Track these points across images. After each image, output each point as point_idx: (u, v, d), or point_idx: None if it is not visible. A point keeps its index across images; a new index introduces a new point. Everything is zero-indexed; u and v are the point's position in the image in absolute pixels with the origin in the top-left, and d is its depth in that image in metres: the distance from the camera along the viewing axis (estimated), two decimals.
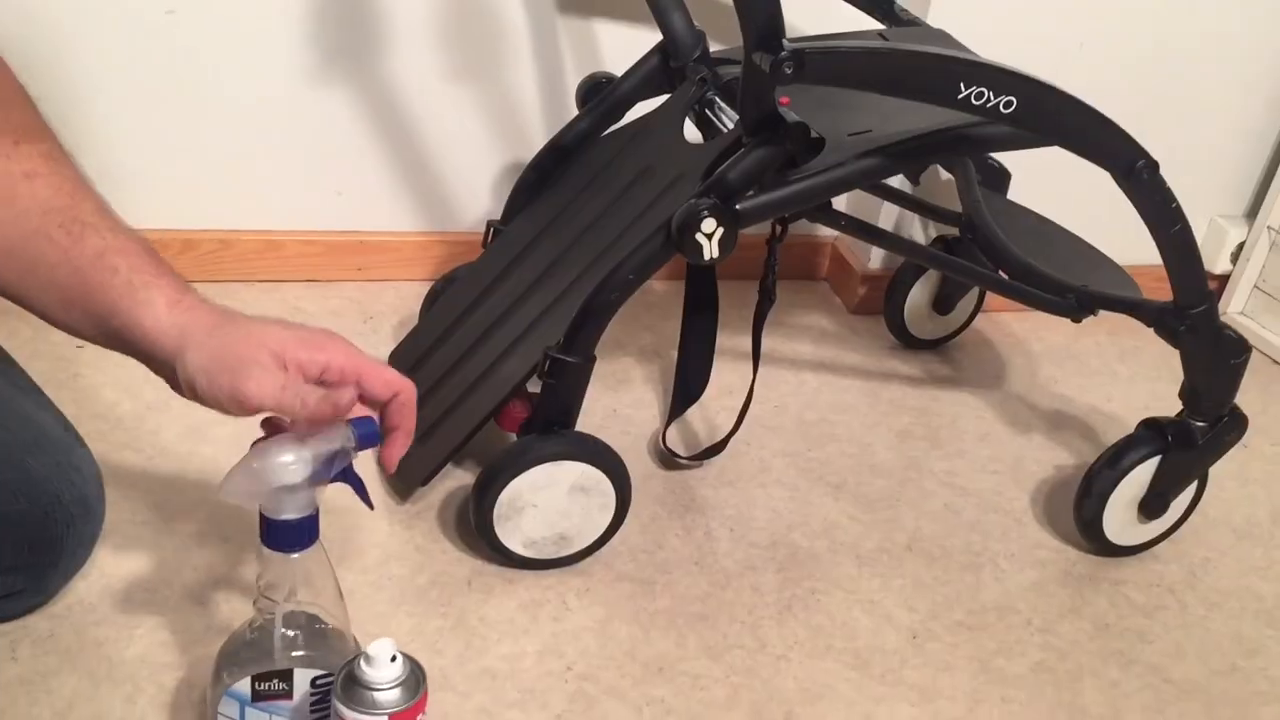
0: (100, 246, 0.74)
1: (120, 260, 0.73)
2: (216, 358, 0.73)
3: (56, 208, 0.74)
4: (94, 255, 0.73)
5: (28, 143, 0.75)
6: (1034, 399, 1.44)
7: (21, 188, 0.74)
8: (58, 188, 0.75)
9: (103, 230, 0.74)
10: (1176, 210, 0.99)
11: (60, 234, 0.73)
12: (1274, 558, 1.21)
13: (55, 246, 0.73)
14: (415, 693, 0.71)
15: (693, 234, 0.94)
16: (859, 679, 0.99)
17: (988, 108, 0.88)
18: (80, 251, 0.73)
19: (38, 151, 0.76)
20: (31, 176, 0.74)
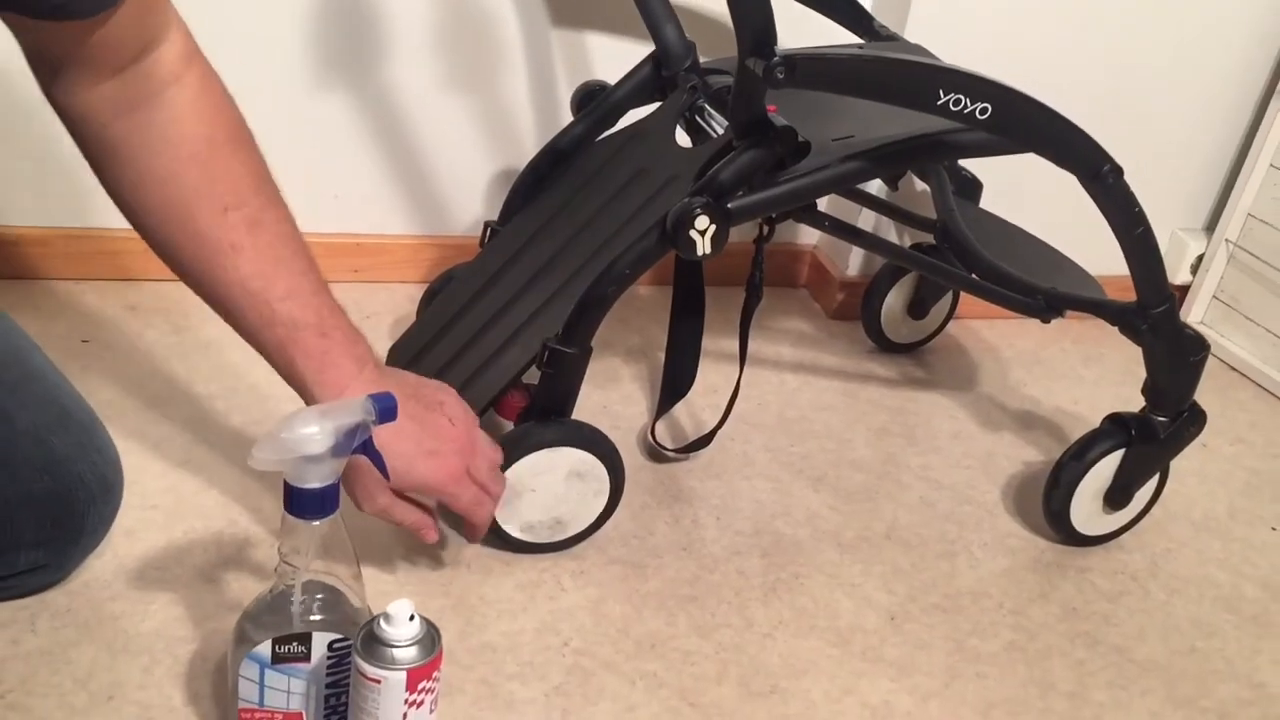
0: (281, 339, 0.87)
1: (296, 354, 0.87)
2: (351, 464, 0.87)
3: (253, 291, 0.85)
4: (277, 344, 0.87)
5: (235, 209, 0.84)
6: (1004, 400, 1.50)
7: (226, 261, 0.85)
8: (256, 265, 0.85)
9: (284, 322, 0.86)
10: (1139, 214, 1.05)
11: (253, 316, 0.86)
12: (1231, 549, 1.28)
13: (248, 323, 0.87)
14: (431, 651, 0.76)
15: (687, 230, 0.99)
16: (841, 655, 1.04)
17: (964, 113, 0.94)
18: (268, 337, 0.87)
19: (243, 219, 0.84)
20: (236, 250, 0.84)
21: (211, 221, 0.84)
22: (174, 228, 0.85)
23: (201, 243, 0.84)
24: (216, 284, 0.86)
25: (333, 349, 0.88)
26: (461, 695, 0.93)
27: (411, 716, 0.76)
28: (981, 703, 1.01)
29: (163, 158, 0.82)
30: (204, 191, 0.83)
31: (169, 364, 1.29)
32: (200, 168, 0.83)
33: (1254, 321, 1.67)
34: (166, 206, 0.84)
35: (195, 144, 0.83)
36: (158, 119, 0.82)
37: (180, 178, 0.83)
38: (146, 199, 0.84)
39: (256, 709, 0.81)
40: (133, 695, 0.89)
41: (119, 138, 0.82)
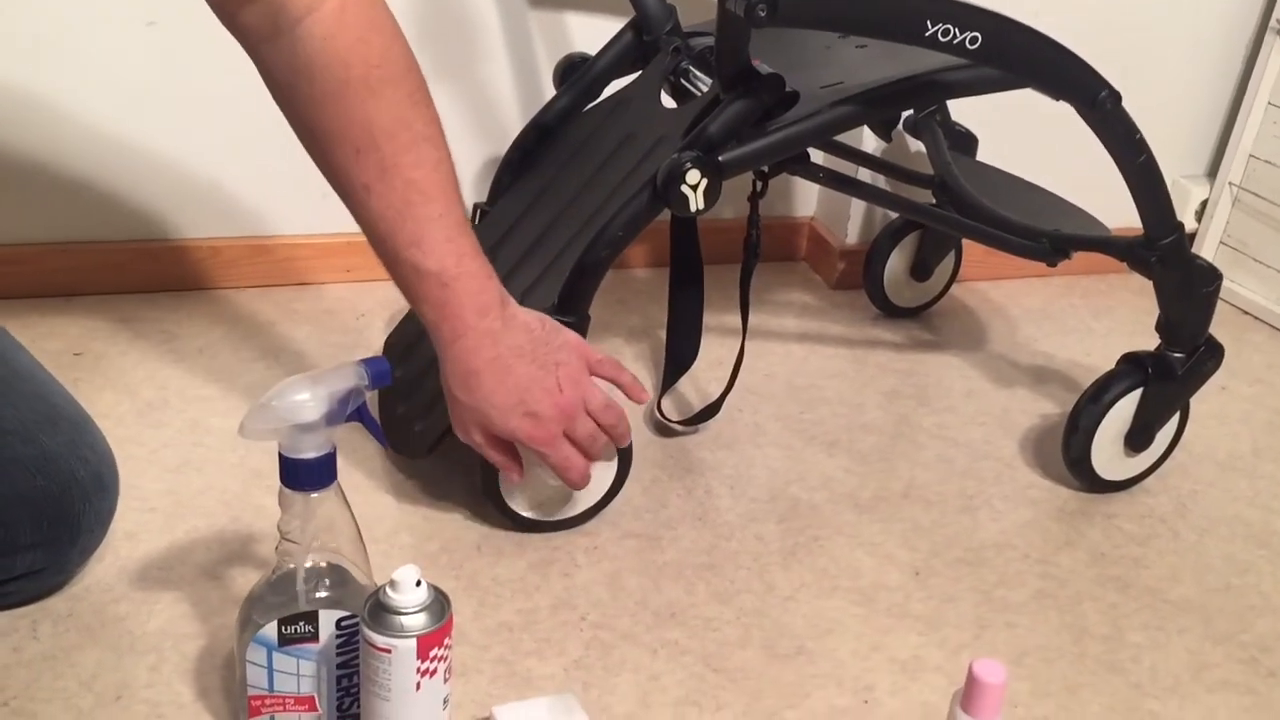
0: (408, 280, 0.90)
1: (419, 300, 0.91)
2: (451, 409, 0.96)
3: (381, 234, 0.88)
4: (403, 286, 0.91)
5: (365, 152, 0.85)
6: (1015, 357, 1.48)
7: (359, 200, 0.88)
8: (383, 210, 0.87)
9: (409, 269, 0.89)
10: (1140, 141, 1.03)
11: (383, 255, 0.90)
12: (1259, 487, 1.25)
13: (382, 259, 0.90)
14: (441, 617, 0.73)
15: (678, 186, 0.97)
16: (866, 613, 1.01)
17: (954, 44, 0.91)
18: (395, 277, 0.91)
19: (373, 163, 0.86)
20: (367, 191, 0.87)
21: (345, 160, 0.85)
22: (318, 157, 0.88)
23: (339, 178, 0.87)
24: (354, 216, 0.89)
25: (451, 299, 0.89)
26: (479, 675, 0.91)
27: (425, 686, 0.73)
28: (1014, 651, 0.98)
29: (299, 90, 0.84)
30: (336, 131, 0.85)
31: (162, 371, 1.27)
32: (333, 106, 0.84)
33: (1263, 263, 1.64)
34: (309, 137, 0.87)
35: (327, 83, 0.83)
36: (298, 50, 0.83)
37: (316, 112, 0.85)
38: (294, 120, 0.87)
39: (266, 695, 0.79)
40: (140, 694, 0.86)
41: (269, 61, 0.85)
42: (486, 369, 0.91)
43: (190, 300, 1.42)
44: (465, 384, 0.92)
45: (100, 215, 1.39)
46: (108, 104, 1.35)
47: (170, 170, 1.40)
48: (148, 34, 1.32)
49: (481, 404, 0.92)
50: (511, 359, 0.92)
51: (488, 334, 0.91)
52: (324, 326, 1.40)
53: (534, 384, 0.93)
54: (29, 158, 1.35)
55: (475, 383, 0.92)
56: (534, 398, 0.93)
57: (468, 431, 0.96)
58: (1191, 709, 0.94)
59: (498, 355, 0.92)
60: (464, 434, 0.96)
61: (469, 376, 0.92)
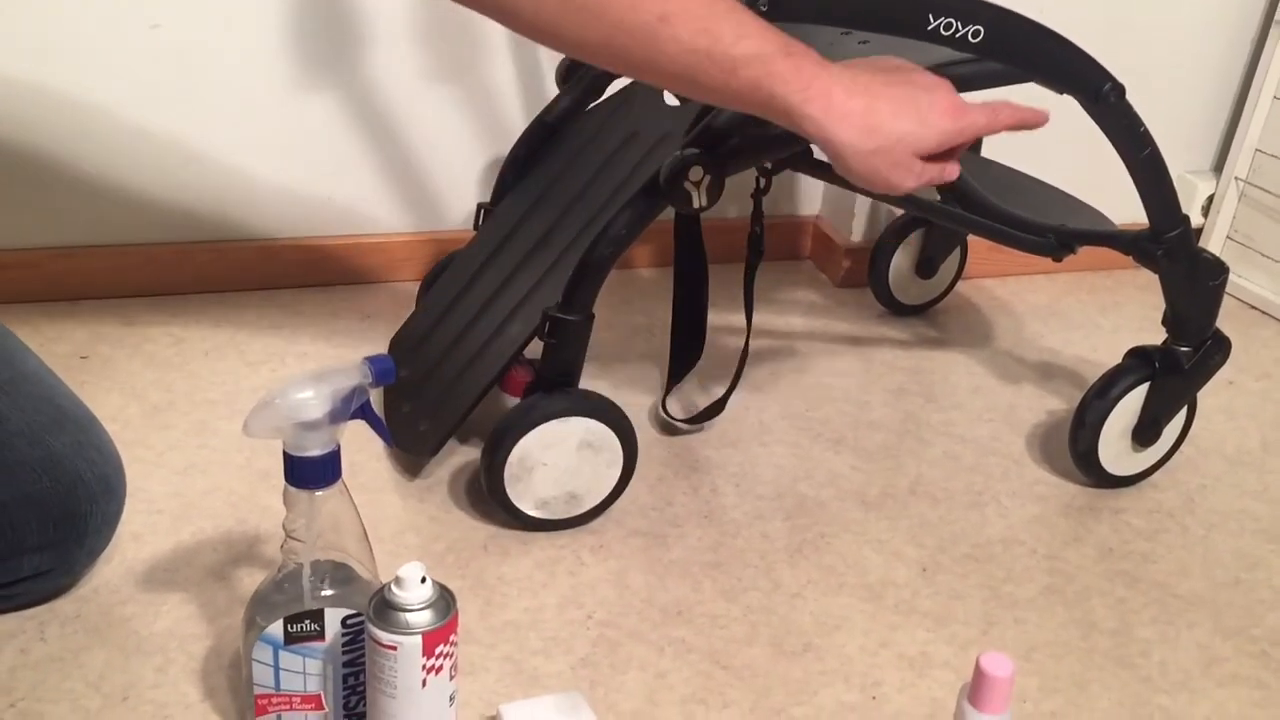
0: (753, 77, 0.81)
1: (776, 85, 0.81)
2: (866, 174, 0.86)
3: (702, 49, 0.80)
4: (750, 86, 0.81)
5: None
6: (1021, 353, 1.47)
7: (662, 35, 0.79)
8: (691, 24, 0.79)
9: (750, 60, 0.81)
10: (1145, 135, 1.03)
11: (715, 71, 0.81)
12: (1268, 481, 1.24)
13: (711, 81, 0.81)
14: (446, 614, 0.73)
15: (681, 183, 0.97)
16: (874, 610, 1.01)
17: (956, 38, 0.91)
18: (738, 84, 0.81)
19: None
20: (665, 20, 0.79)
21: (627, 7, 0.79)
22: (597, 28, 0.80)
23: (629, 30, 0.79)
24: (663, 61, 0.81)
25: (804, 64, 0.83)
26: (486, 674, 0.91)
27: (431, 683, 0.73)
28: (1022, 646, 0.98)
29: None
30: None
31: (168, 374, 1.27)
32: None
33: (1270, 258, 1.63)
34: (573, 13, 0.79)
35: None
36: None
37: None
38: (552, 12, 0.80)
39: (273, 694, 0.79)
40: (147, 695, 0.86)
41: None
42: (875, 99, 0.85)
43: (196, 303, 1.42)
44: (869, 127, 0.84)
45: (106, 220, 1.40)
46: (112, 108, 1.35)
47: (176, 174, 1.40)
48: (152, 37, 1.33)
49: (900, 127, 0.85)
50: (882, 81, 0.86)
51: (846, 74, 0.85)
52: (330, 328, 1.40)
53: (913, 85, 0.88)
54: (34, 162, 1.35)
55: (876, 119, 0.84)
56: (928, 92, 0.88)
57: (909, 168, 0.87)
58: (1201, 703, 0.93)
59: (868, 86, 0.85)
60: (909, 176, 0.87)
61: (867, 117, 0.84)
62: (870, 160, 0.85)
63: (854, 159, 0.85)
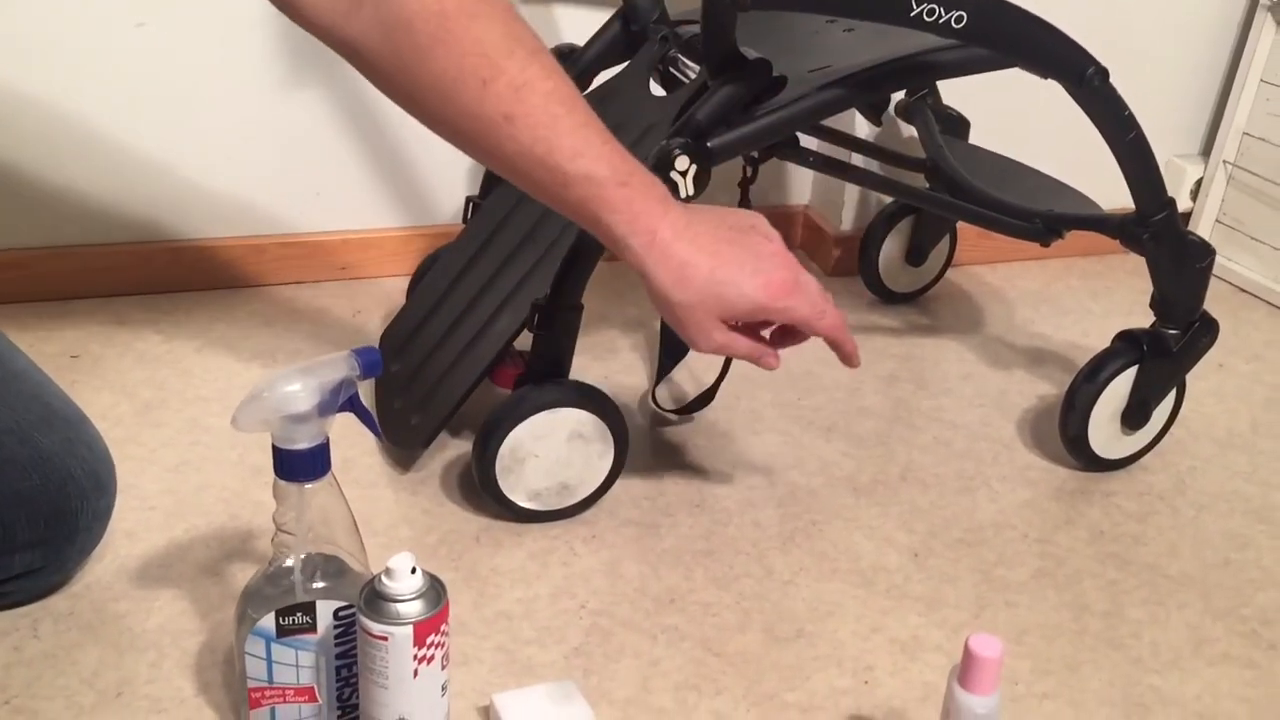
0: (582, 197, 0.82)
1: (603, 211, 0.83)
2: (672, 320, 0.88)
3: (539, 157, 0.81)
4: (578, 204, 0.83)
5: (492, 80, 0.80)
6: (1012, 339, 1.48)
7: (503, 133, 0.81)
8: (533, 131, 0.81)
9: (580, 180, 0.82)
10: (1129, 118, 1.03)
11: (547, 181, 0.82)
12: (1258, 462, 1.25)
13: (544, 190, 0.84)
14: (437, 604, 0.73)
15: (667, 173, 0.97)
16: (866, 595, 1.01)
17: (939, 23, 0.91)
18: (567, 198, 0.83)
19: (506, 86, 0.80)
20: (510, 120, 0.80)
21: (474, 98, 0.80)
22: (440, 112, 0.82)
23: (473, 121, 0.81)
24: (501, 157, 0.82)
25: (636, 196, 0.83)
26: (479, 664, 0.91)
27: (423, 673, 0.73)
28: (1014, 629, 0.98)
29: (400, 48, 0.79)
30: (454, 71, 0.80)
31: (159, 372, 1.28)
32: (442, 48, 0.79)
33: (1260, 241, 1.64)
34: (424, 94, 0.81)
35: (427, 24, 0.79)
36: (381, 11, 0.79)
37: (425, 63, 0.80)
38: (404, 90, 0.82)
39: (266, 687, 0.79)
40: (142, 690, 0.86)
41: (357, 39, 0.80)
42: (699, 251, 0.84)
43: (187, 301, 1.42)
44: (682, 278, 0.84)
45: (95, 219, 1.40)
46: (99, 107, 1.35)
47: (164, 172, 1.40)
48: (138, 35, 1.33)
49: (711, 287, 0.85)
50: (709, 235, 0.85)
51: (681, 217, 0.85)
52: (320, 324, 1.40)
53: (745, 245, 0.87)
54: (21, 162, 1.35)
55: (692, 271, 0.84)
56: (752, 255, 0.87)
57: (707, 333, 0.87)
58: (1192, 683, 0.94)
59: (696, 236, 0.85)
60: (705, 339, 0.87)
61: (683, 268, 0.84)
62: (675, 311, 0.86)
63: (662, 303, 0.86)
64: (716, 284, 0.85)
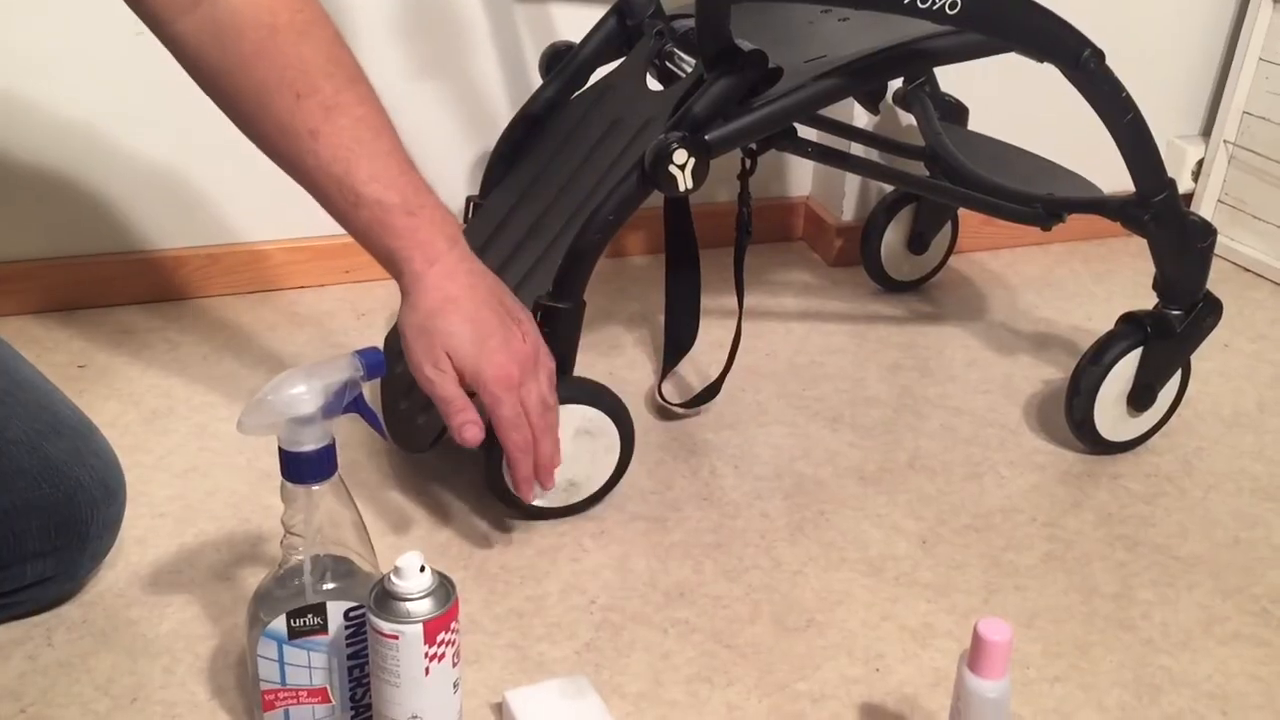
0: (368, 219, 0.87)
1: (386, 234, 0.87)
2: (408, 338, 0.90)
3: (335, 176, 0.86)
4: (365, 226, 0.88)
5: (307, 96, 0.84)
6: (1016, 325, 1.47)
7: (305, 147, 0.85)
8: (335, 151, 0.85)
9: (370, 203, 0.86)
10: (1127, 99, 1.03)
11: (339, 200, 0.87)
12: (1265, 441, 1.24)
13: (335, 207, 0.87)
14: (446, 602, 0.74)
15: (666, 167, 0.97)
16: (875, 584, 1.01)
17: (934, 10, 0.91)
18: (355, 220, 0.87)
19: (318, 104, 0.84)
20: (314, 136, 0.85)
21: (286, 110, 0.84)
22: (253, 118, 0.85)
23: (281, 131, 0.85)
24: (302, 170, 0.86)
25: (421, 226, 0.88)
26: (491, 661, 0.91)
27: (434, 671, 0.74)
28: (1024, 614, 0.98)
29: (227, 51, 0.83)
30: (273, 81, 0.83)
31: (167, 379, 1.28)
32: (266, 58, 0.83)
33: (1262, 220, 1.63)
34: (241, 98, 0.85)
35: (257, 33, 0.83)
36: (218, 12, 0.82)
37: (248, 70, 0.83)
38: (223, 92, 0.85)
39: (279, 689, 0.79)
40: (156, 695, 0.87)
41: (184, 36, 0.84)
42: (464, 295, 0.89)
43: (192, 309, 1.43)
44: (440, 310, 0.88)
45: (98, 229, 1.40)
46: (101, 116, 1.35)
47: (166, 180, 1.41)
48: (138, 43, 1.33)
49: (456, 329, 0.88)
50: (483, 293, 0.90)
51: (461, 261, 0.90)
52: (325, 328, 1.40)
53: (502, 324, 0.91)
54: (24, 173, 1.36)
55: (452, 309, 0.88)
56: (504, 336, 0.90)
57: (432, 358, 0.89)
58: (1204, 662, 0.94)
59: (472, 284, 0.90)
60: (425, 360, 0.90)
61: (445, 303, 0.88)
62: (420, 338, 0.89)
63: (407, 324, 0.90)
64: (462, 331, 0.88)
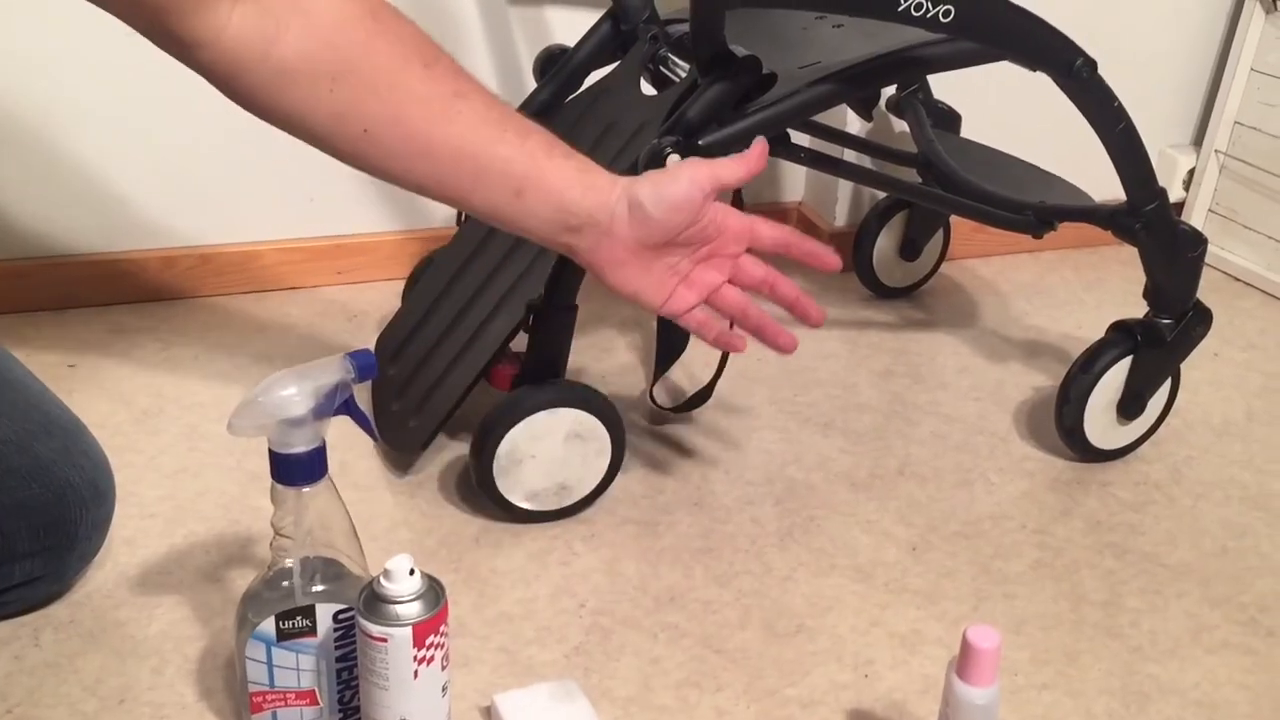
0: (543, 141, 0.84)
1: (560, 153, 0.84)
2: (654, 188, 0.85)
3: (494, 121, 0.82)
4: (545, 149, 0.84)
5: (433, 64, 0.81)
6: (1008, 332, 1.48)
7: (455, 108, 0.81)
8: (486, 100, 0.82)
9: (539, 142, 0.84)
10: (1119, 109, 1.03)
11: (501, 149, 0.82)
12: (1253, 450, 1.25)
13: (497, 159, 0.82)
14: (436, 605, 0.73)
15: None
16: (865, 590, 1.02)
17: (927, 18, 0.92)
18: (519, 166, 0.82)
19: (446, 69, 0.82)
20: (461, 95, 0.81)
21: (423, 80, 0.80)
22: (390, 108, 0.80)
23: (425, 104, 0.80)
24: (456, 135, 0.81)
25: (589, 164, 0.85)
26: (480, 665, 0.91)
27: (423, 674, 0.74)
28: (1013, 621, 0.99)
29: (343, 49, 0.78)
30: (400, 58, 0.80)
31: (157, 379, 1.28)
32: (384, 39, 0.79)
33: (1253, 229, 1.64)
34: (372, 90, 0.79)
35: (364, 22, 0.79)
36: (315, 19, 0.77)
37: (373, 56, 0.79)
38: (348, 95, 0.79)
39: (268, 691, 0.79)
40: (144, 697, 0.87)
41: (291, 57, 0.77)
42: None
43: (183, 309, 1.43)
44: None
45: (89, 228, 1.40)
46: (94, 116, 1.35)
47: (158, 180, 1.40)
48: (131, 46, 1.32)
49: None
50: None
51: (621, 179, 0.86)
52: (317, 329, 1.40)
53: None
54: (15, 173, 1.35)
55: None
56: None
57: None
58: (1192, 670, 0.94)
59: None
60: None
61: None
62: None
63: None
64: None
